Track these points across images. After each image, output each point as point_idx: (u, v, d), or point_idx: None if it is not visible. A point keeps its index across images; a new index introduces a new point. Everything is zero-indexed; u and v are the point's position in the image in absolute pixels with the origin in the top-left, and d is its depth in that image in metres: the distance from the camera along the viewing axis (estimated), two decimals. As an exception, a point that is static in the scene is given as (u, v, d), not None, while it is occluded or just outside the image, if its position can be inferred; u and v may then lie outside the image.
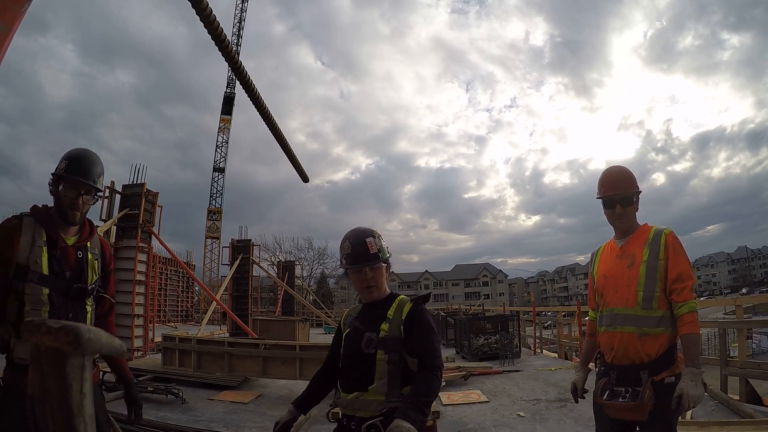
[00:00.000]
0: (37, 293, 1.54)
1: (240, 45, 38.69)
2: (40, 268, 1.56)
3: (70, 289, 1.62)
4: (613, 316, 1.92)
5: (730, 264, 76.21)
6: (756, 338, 13.11)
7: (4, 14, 1.46)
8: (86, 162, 1.68)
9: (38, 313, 1.54)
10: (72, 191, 1.64)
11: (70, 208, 1.64)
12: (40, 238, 1.59)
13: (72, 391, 0.50)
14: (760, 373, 5.25)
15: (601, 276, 2.06)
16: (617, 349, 1.87)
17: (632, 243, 2.00)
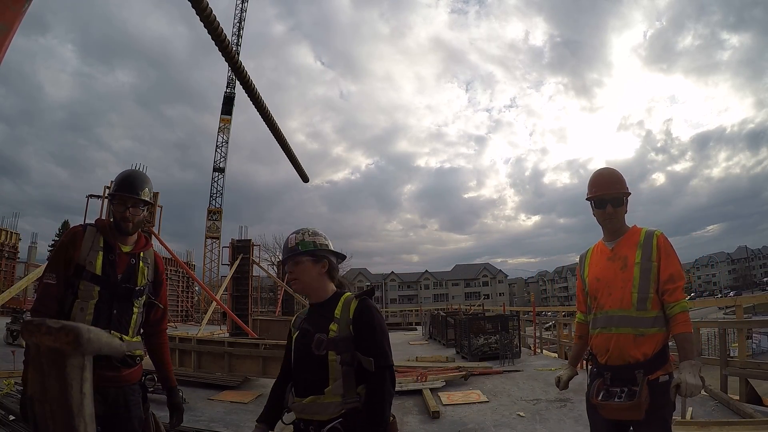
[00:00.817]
0: (89, 289, 1.79)
1: (240, 45, 38.69)
2: (94, 268, 1.82)
3: (119, 288, 1.85)
4: (608, 318, 1.92)
5: (730, 264, 76.19)
6: (756, 338, 13.11)
7: (4, 14, 1.46)
8: (130, 179, 1.96)
9: (86, 305, 1.78)
10: (121, 206, 1.92)
11: (122, 221, 1.93)
12: (98, 244, 1.87)
13: (72, 391, 0.50)
14: (760, 373, 5.25)
15: (593, 278, 2.05)
16: (613, 350, 1.88)
17: (623, 245, 2.00)
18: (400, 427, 4.93)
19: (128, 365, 1.85)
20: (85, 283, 1.79)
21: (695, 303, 23.64)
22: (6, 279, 18.07)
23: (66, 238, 1.87)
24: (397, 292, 78.72)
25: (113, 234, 1.92)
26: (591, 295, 2.05)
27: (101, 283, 1.82)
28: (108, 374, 1.75)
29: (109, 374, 1.76)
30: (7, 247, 19.48)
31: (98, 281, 1.81)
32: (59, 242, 1.89)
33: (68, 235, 1.89)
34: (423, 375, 6.97)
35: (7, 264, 19.16)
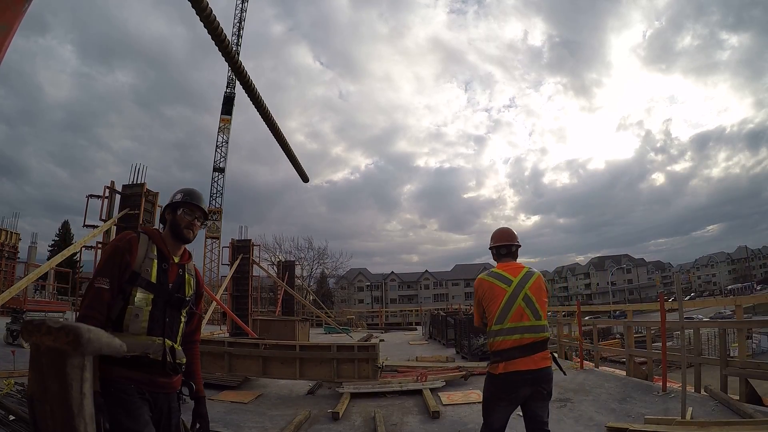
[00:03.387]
0: (143, 297, 1.79)
1: (240, 45, 38.66)
2: (149, 276, 1.83)
3: (172, 297, 1.89)
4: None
5: (730, 264, 76.23)
6: (756, 338, 13.11)
7: (4, 14, 1.45)
8: (197, 193, 2.06)
9: (140, 311, 1.77)
10: (189, 215, 1.99)
11: (187, 228, 1.98)
12: (152, 252, 1.88)
13: (72, 391, 0.50)
14: (760, 373, 5.25)
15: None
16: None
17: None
18: (401, 427, 4.94)
19: (177, 372, 1.88)
20: (139, 290, 1.79)
21: (695, 303, 23.57)
22: (6, 279, 18.06)
23: (121, 243, 1.85)
24: (397, 292, 78.74)
25: (165, 243, 1.94)
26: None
27: (156, 291, 1.83)
28: (160, 381, 1.78)
29: (161, 381, 1.79)
30: (7, 247, 19.46)
31: (153, 289, 1.82)
32: (112, 247, 1.86)
33: (123, 240, 1.87)
34: (423, 375, 6.97)
35: (7, 264, 19.14)
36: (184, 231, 1.97)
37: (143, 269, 1.82)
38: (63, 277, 24.12)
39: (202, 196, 2.09)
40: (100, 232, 10.14)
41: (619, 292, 72.48)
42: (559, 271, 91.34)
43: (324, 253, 43.63)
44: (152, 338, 1.77)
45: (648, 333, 9.20)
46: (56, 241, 44.08)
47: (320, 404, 5.93)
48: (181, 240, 1.97)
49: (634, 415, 4.88)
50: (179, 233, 1.96)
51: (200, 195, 2.07)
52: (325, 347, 7.00)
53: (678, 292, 5.72)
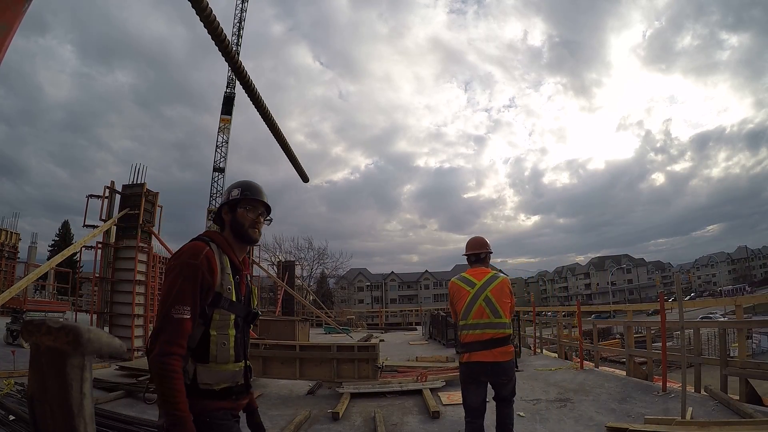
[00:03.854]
0: (225, 319, 1.56)
1: (240, 45, 38.67)
2: (231, 294, 1.59)
3: (249, 314, 1.68)
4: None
5: (730, 264, 76.24)
6: (756, 338, 13.12)
7: (4, 14, 1.46)
8: (258, 187, 1.79)
9: (225, 337, 1.55)
10: (253, 211, 1.73)
11: (251, 227, 1.72)
12: (227, 265, 1.61)
13: (72, 391, 0.50)
14: (760, 373, 5.25)
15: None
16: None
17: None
18: (401, 427, 4.93)
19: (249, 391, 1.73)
20: (221, 312, 1.55)
21: (695, 303, 23.63)
22: (6, 279, 18.06)
23: (197, 261, 1.52)
24: (397, 292, 78.77)
25: (234, 250, 1.68)
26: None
27: (237, 310, 1.61)
28: (243, 402, 1.66)
29: (243, 402, 1.67)
30: (7, 247, 19.46)
31: (234, 309, 1.60)
32: (191, 268, 1.50)
33: (199, 256, 1.53)
34: (423, 375, 6.96)
35: (7, 264, 19.14)
36: (249, 231, 1.70)
37: (224, 287, 1.56)
38: (63, 277, 24.13)
39: (262, 188, 1.81)
40: (100, 232, 10.13)
41: (619, 292, 72.51)
42: (559, 271, 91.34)
43: (324, 253, 43.57)
44: (239, 364, 1.61)
45: (648, 333, 9.21)
46: (56, 241, 44.11)
47: (320, 404, 5.93)
48: (247, 242, 1.72)
49: (634, 415, 4.88)
50: (244, 234, 1.70)
51: (260, 187, 1.80)
52: (325, 347, 7.00)
53: (678, 292, 5.72)
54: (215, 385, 1.51)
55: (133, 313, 9.82)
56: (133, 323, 9.79)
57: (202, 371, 1.50)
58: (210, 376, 1.51)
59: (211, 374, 1.51)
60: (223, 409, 1.55)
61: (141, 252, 10.32)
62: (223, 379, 1.54)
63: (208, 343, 1.52)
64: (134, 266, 10.01)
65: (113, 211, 10.29)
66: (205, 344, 1.52)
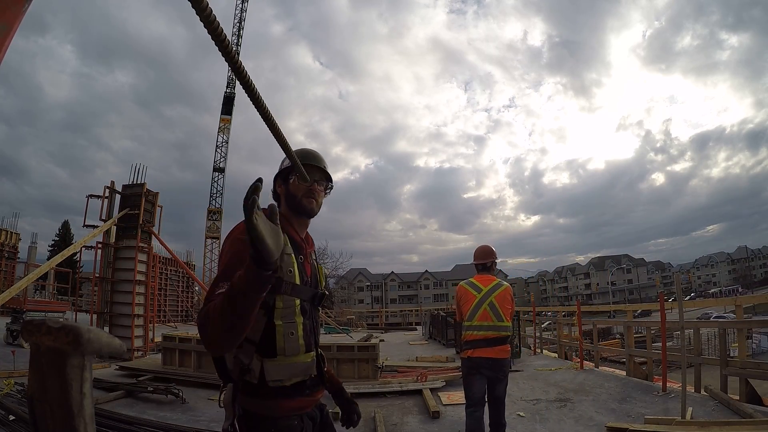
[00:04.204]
0: (290, 305, 1.38)
1: (240, 45, 38.69)
2: (293, 277, 1.39)
3: (315, 297, 1.49)
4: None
5: (730, 264, 76.23)
6: (756, 338, 13.10)
7: (4, 14, 1.46)
8: (313, 152, 1.58)
9: (292, 326, 1.37)
10: (305, 179, 1.50)
11: (306, 196, 1.50)
12: (286, 244, 1.39)
13: (72, 391, 0.50)
14: (760, 373, 5.25)
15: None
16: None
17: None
18: (401, 427, 4.93)
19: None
20: (284, 298, 1.36)
21: (695, 303, 23.60)
22: (6, 279, 18.07)
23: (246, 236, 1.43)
24: (397, 292, 78.79)
25: (294, 227, 1.50)
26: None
27: (302, 294, 1.42)
28: (318, 395, 1.50)
29: (319, 395, 1.50)
30: (7, 247, 19.48)
31: (299, 292, 1.40)
32: (236, 242, 1.31)
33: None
34: (423, 375, 6.97)
35: (7, 264, 19.15)
36: (304, 201, 1.49)
37: (284, 270, 1.37)
38: (63, 277, 24.14)
39: (319, 154, 1.60)
40: (100, 232, 10.14)
41: (619, 292, 72.51)
42: (559, 271, 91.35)
43: (324, 253, 43.53)
44: (310, 354, 1.42)
45: (648, 333, 9.21)
46: (56, 241, 44.11)
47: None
48: (303, 213, 1.51)
49: (634, 415, 4.88)
50: (298, 206, 1.50)
51: (316, 153, 1.59)
52: (325, 347, 7.00)
53: (678, 292, 5.73)
54: (286, 381, 1.35)
55: (133, 313, 9.82)
56: (133, 323, 9.80)
57: (270, 367, 1.33)
58: (279, 371, 1.34)
59: (280, 369, 1.34)
60: (295, 409, 1.38)
61: (141, 252, 10.32)
62: (295, 372, 1.37)
63: (274, 335, 1.34)
64: (134, 266, 10.02)
65: (113, 211, 10.30)
66: (271, 336, 1.34)
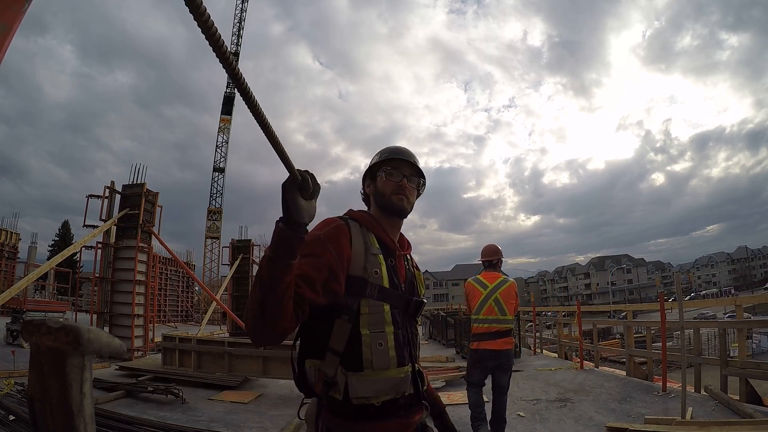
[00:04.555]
0: (378, 312, 1.24)
1: (240, 45, 38.68)
2: (381, 279, 1.26)
3: (410, 304, 1.34)
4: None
5: (730, 264, 76.23)
6: (756, 338, 13.12)
7: (4, 14, 1.46)
8: (402, 148, 1.48)
9: (381, 336, 1.22)
10: (395, 174, 1.41)
11: (394, 193, 1.39)
12: (373, 244, 1.31)
13: (72, 391, 0.50)
14: (760, 373, 5.25)
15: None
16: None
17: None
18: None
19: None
20: (370, 302, 1.23)
21: (695, 303, 23.60)
22: (6, 279, 18.07)
23: (320, 232, 1.23)
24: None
25: (383, 227, 1.38)
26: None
27: (392, 299, 1.28)
28: (415, 419, 1.29)
29: (416, 419, 1.30)
30: (7, 247, 19.48)
31: (388, 297, 1.27)
32: (315, 240, 1.20)
33: (323, 228, 1.25)
34: (423, 375, 6.97)
35: (7, 264, 19.16)
36: (393, 198, 1.38)
37: (369, 271, 1.25)
38: (63, 277, 24.14)
39: (408, 150, 1.50)
40: (100, 232, 10.14)
41: (619, 292, 72.51)
42: (559, 271, 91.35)
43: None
44: (403, 369, 1.25)
45: (648, 333, 9.21)
46: (56, 241, 44.09)
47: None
48: (394, 212, 1.39)
49: (634, 415, 4.88)
50: (387, 204, 1.38)
51: (406, 149, 1.49)
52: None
53: (678, 292, 5.72)
54: (374, 399, 1.19)
55: (133, 313, 9.82)
56: (133, 323, 9.80)
57: (355, 382, 1.18)
58: (366, 387, 1.18)
59: (367, 385, 1.19)
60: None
61: (141, 252, 10.33)
62: (383, 389, 1.20)
63: (360, 346, 1.20)
64: (134, 266, 10.02)
65: (113, 211, 10.30)
66: (356, 347, 1.20)
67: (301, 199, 0.97)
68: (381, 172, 1.42)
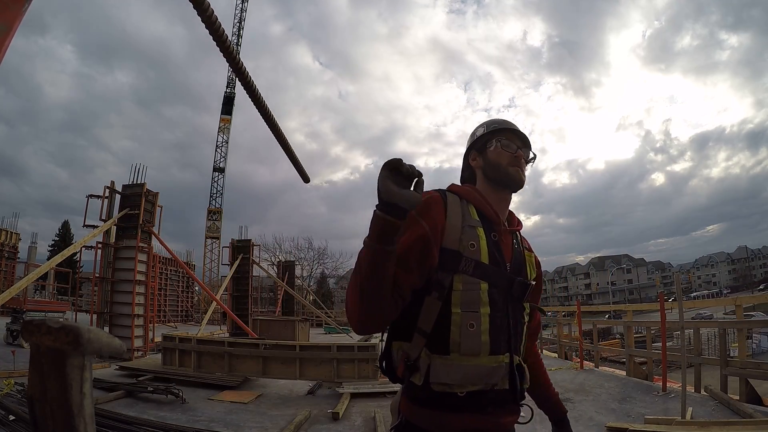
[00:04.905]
0: (473, 289, 1.08)
1: (240, 45, 38.68)
2: (479, 254, 1.10)
3: (513, 284, 1.14)
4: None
5: (730, 264, 76.19)
6: (756, 338, 13.11)
7: (4, 14, 1.46)
8: (509, 121, 1.33)
9: (473, 317, 1.06)
10: (511, 145, 1.26)
11: (512, 164, 1.24)
12: (471, 216, 1.15)
13: (72, 391, 0.50)
14: (760, 373, 5.25)
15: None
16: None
17: None
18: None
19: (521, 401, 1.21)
20: (465, 279, 1.07)
21: (695, 303, 23.64)
22: (6, 279, 18.07)
23: (418, 209, 1.06)
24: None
25: (486, 200, 1.21)
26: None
27: (491, 277, 1.10)
28: (505, 420, 1.15)
29: (506, 420, 1.16)
30: (7, 247, 19.48)
31: (486, 275, 1.09)
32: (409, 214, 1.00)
33: (421, 203, 1.02)
34: (423, 375, 6.97)
35: (7, 264, 19.16)
36: (510, 170, 1.23)
37: (464, 244, 1.09)
38: (63, 277, 24.14)
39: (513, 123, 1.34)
40: (100, 232, 10.14)
41: (619, 292, 72.53)
42: (559, 271, 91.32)
43: (324, 253, 43.64)
44: (497, 358, 1.08)
45: (648, 333, 9.21)
46: (56, 241, 44.06)
47: (320, 404, 5.93)
48: (509, 184, 1.24)
49: (634, 415, 4.88)
50: (504, 176, 1.23)
51: (512, 122, 1.34)
52: (325, 347, 7.00)
53: (678, 292, 5.73)
54: (457, 387, 1.04)
55: (133, 313, 9.82)
56: (133, 323, 9.80)
57: (438, 366, 1.04)
58: (450, 372, 1.04)
59: (450, 370, 1.04)
60: (467, 429, 1.07)
61: (141, 252, 10.33)
62: (470, 378, 1.05)
63: (449, 326, 1.06)
64: (134, 266, 10.02)
65: (113, 211, 10.30)
66: (445, 328, 1.06)
67: (393, 183, 0.94)
68: (493, 143, 1.27)
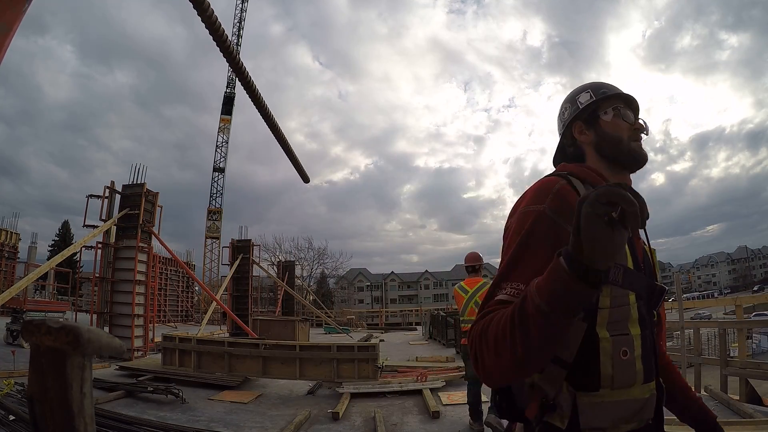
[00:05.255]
0: (622, 303, 0.86)
1: (240, 45, 38.68)
2: (625, 257, 0.88)
3: (654, 291, 0.87)
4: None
5: (730, 264, 76.22)
6: (756, 338, 13.12)
7: (4, 14, 1.46)
8: (611, 84, 1.11)
9: (626, 340, 0.86)
10: (628, 113, 1.04)
11: (633, 139, 1.02)
12: None
13: (72, 391, 0.50)
14: (760, 373, 5.25)
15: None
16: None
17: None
18: (401, 427, 4.94)
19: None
20: (612, 292, 0.85)
21: (695, 303, 23.68)
22: (6, 279, 18.08)
23: (542, 206, 0.88)
24: (397, 292, 78.81)
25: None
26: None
27: (638, 285, 0.83)
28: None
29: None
30: (7, 247, 19.49)
31: (634, 283, 0.79)
32: (526, 217, 0.88)
33: (545, 198, 0.88)
34: (423, 375, 6.97)
35: (7, 264, 19.16)
36: (634, 145, 1.02)
37: None
38: (63, 277, 24.13)
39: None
40: (100, 232, 10.14)
41: (619, 292, 72.43)
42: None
43: (324, 253, 43.62)
44: (649, 386, 0.88)
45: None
46: (56, 241, 44.06)
47: (320, 404, 5.93)
48: (630, 163, 1.02)
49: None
50: (626, 152, 1.01)
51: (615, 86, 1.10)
52: (325, 347, 7.00)
53: (678, 292, 5.73)
54: (611, 430, 0.85)
55: (133, 313, 9.82)
56: (133, 323, 9.80)
57: (587, 405, 0.84)
58: (603, 413, 0.84)
59: (604, 410, 0.84)
60: None
61: (141, 252, 10.33)
62: (625, 416, 0.85)
63: (597, 355, 0.84)
64: (134, 266, 10.02)
65: (113, 211, 10.30)
66: (592, 357, 0.84)
67: (609, 231, 0.60)
68: (610, 113, 1.04)
